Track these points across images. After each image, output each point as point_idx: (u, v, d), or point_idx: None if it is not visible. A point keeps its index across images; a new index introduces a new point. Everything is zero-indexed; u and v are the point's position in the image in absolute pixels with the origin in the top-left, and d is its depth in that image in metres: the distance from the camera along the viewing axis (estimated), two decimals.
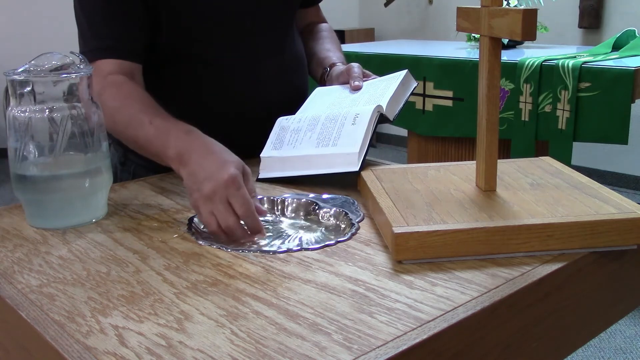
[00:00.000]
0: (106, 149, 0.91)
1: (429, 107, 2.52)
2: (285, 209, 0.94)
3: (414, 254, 0.72)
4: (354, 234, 0.82)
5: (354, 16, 5.35)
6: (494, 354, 0.65)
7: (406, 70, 1.18)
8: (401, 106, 1.10)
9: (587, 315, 0.78)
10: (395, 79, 1.14)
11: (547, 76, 2.17)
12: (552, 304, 0.71)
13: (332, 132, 1.03)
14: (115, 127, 1.01)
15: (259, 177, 1.06)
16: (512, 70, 2.24)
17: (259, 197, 0.92)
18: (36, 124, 0.84)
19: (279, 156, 1.05)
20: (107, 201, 0.94)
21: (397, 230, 0.72)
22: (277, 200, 0.95)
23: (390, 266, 0.73)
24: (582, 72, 2.08)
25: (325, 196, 0.96)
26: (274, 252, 0.78)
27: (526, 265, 0.71)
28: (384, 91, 1.10)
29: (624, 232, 0.74)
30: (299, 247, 0.79)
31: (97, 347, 0.58)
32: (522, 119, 2.24)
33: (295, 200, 0.94)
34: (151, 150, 0.96)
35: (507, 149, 2.28)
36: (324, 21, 1.42)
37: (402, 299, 0.64)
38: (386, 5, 4.70)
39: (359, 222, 0.86)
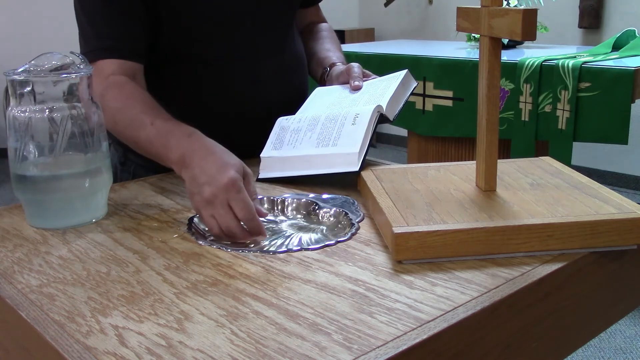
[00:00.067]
0: (106, 149, 0.91)
1: (429, 107, 2.52)
2: (285, 209, 0.94)
3: (414, 254, 0.72)
4: (354, 234, 0.82)
5: (354, 16, 5.35)
6: (494, 354, 0.65)
7: (406, 70, 1.18)
8: (401, 106, 1.10)
9: (587, 315, 0.78)
10: (395, 78, 1.14)
11: (547, 76, 2.17)
12: (552, 304, 0.71)
13: (332, 132, 1.03)
14: (116, 127, 1.01)
15: (259, 177, 1.06)
16: (512, 70, 2.24)
17: (259, 197, 0.92)
18: (36, 124, 0.84)
19: (279, 156, 1.05)
20: (107, 201, 0.94)
21: (397, 230, 0.72)
22: (277, 200, 0.95)
23: (390, 266, 0.73)
24: (582, 72, 2.08)
25: (325, 196, 0.96)
26: (274, 252, 0.78)
27: (526, 265, 0.71)
28: (384, 91, 1.10)
29: (624, 232, 0.74)
30: (299, 247, 0.79)
31: (97, 347, 0.58)
32: (522, 119, 2.24)
33: (295, 200, 0.94)
34: (152, 151, 0.96)
35: (507, 149, 2.28)
36: (324, 21, 1.42)
37: (402, 299, 0.64)
38: (386, 5, 4.70)
39: (359, 222, 0.86)
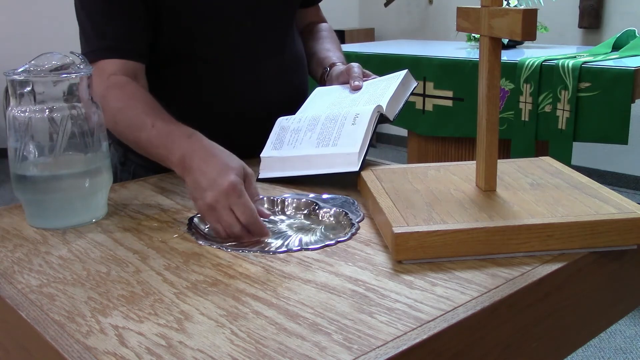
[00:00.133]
0: (106, 149, 0.91)
1: (429, 107, 2.51)
2: (285, 209, 0.94)
3: (414, 254, 0.72)
4: (354, 234, 0.82)
5: (354, 16, 5.35)
6: (494, 354, 0.65)
7: (406, 70, 1.17)
8: (401, 106, 1.10)
9: (587, 315, 0.78)
10: (395, 78, 1.14)
11: (547, 76, 2.17)
12: (552, 304, 0.71)
13: (332, 132, 1.03)
14: (116, 127, 1.01)
15: (259, 177, 1.06)
16: (512, 70, 2.24)
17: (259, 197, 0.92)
18: (36, 124, 0.84)
19: (279, 156, 1.05)
20: (107, 201, 0.94)
21: (397, 230, 0.72)
22: (277, 200, 0.95)
23: (390, 266, 0.73)
24: (582, 72, 2.08)
25: (325, 196, 0.96)
26: (274, 252, 0.78)
27: (526, 265, 0.71)
28: (384, 91, 1.10)
29: (624, 232, 0.74)
30: (299, 247, 0.79)
31: (97, 347, 0.58)
32: (522, 119, 2.24)
33: (295, 200, 0.94)
34: (153, 152, 0.96)
35: (507, 149, 2.28)
36: (324, 21, 1.42)
37: (402, 299, 0.64)
38: (386, 5, 4.70)
39: (359, 222, 0.86)
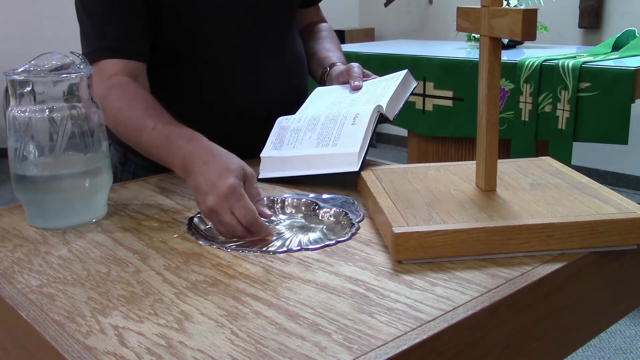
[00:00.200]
0: (106, 149, 0.91)
1: (429, 107, 2.51)
2: (285, 209, 0.94)
3: (414, 254, 0.72)
4: (354, 234, 0.82)
5: (354, 16, 5.35)
6: (494, 354, 0.65)
7: (406, 70, 1.17)
8: (401, 106, 1.10)
9: (587, 315, 0.78)
10: (395, 78, 1.14)
11: (547, 76, 2.16)
12: (552, 304, 0.71)
13: (332, 132, 1.03)
14: (117, 128, 1.01)
15: (259, 177, 1.05)
16: (512, 70, 2.24)
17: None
18: (36, 124, 0.84)
19: (279, 156, 1.05)
20: (107, 201, 0.94)
21: (397, 230, 0.72)
22: (277, 200, 0.95)
23: (390, 266, 0.73)
24: (582, 72, 2.08)
25: (325, 196, 0.96)
26: (274, 252, 0.78)
27: (526, 265, 0.71)
28: (384, 91, 1.10)
29: (624, 232, 0.74)
30: (299, 247, 0.79)
31: (97, 347, 0.58)
32: (522, 119, 2.24)
33: (295, 200, 0.94)
34: (153, 154, 0.97)
35: (507, 149, 2.28)
36: (324, 21, 1.42)
37: (402, 299, 0.64)
38: (386, 5, 4.70)
39: (359, 222, 0.86)
